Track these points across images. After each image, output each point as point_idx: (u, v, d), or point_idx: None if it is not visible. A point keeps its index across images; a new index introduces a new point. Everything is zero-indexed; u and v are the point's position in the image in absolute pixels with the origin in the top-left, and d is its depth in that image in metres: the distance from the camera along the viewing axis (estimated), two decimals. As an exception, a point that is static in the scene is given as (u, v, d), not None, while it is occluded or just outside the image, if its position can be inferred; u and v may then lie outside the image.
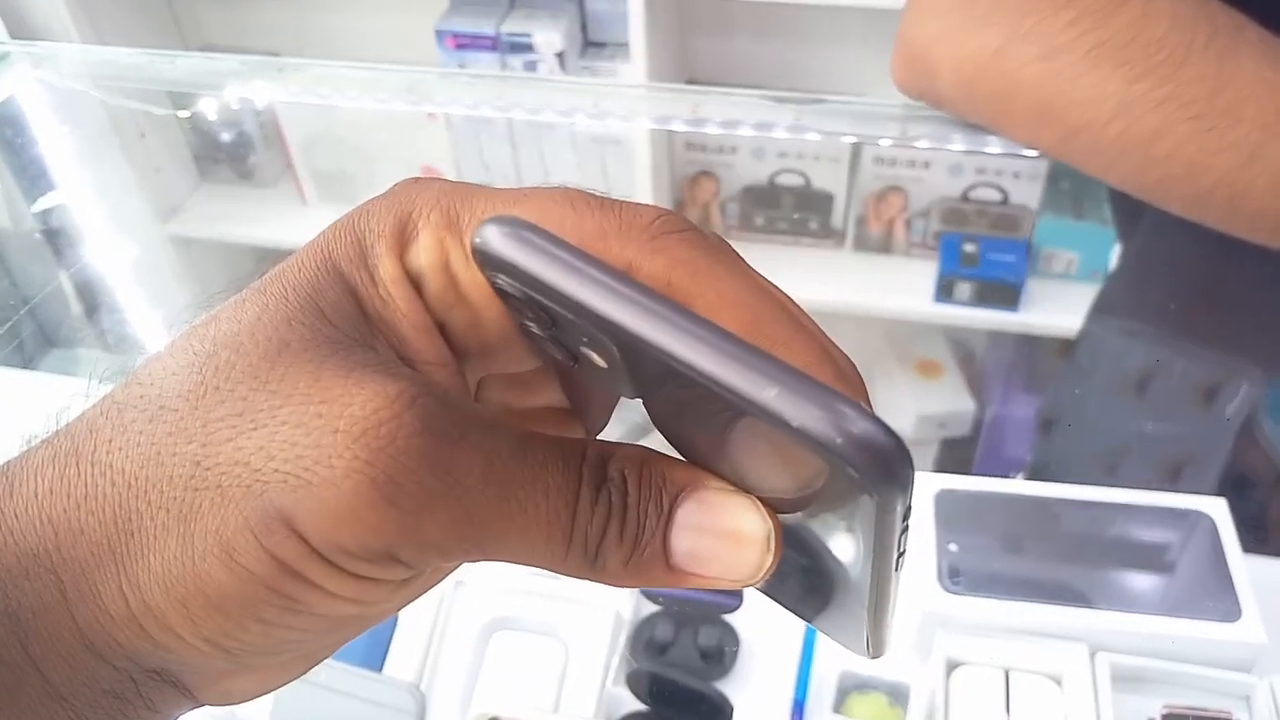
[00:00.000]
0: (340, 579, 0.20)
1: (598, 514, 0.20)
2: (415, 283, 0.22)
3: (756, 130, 0.59)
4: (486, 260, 0.20)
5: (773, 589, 0.22)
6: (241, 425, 0.19)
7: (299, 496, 0.19)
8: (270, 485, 0.19)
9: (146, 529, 0.20)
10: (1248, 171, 0.44)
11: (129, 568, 0.20)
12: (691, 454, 0.22)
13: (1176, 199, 0.47)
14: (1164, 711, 0.60)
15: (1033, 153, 0.54)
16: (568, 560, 0.21)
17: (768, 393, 0.17)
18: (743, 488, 0.21)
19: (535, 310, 0.20)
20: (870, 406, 0.19)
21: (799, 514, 0.21)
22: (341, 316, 0.21)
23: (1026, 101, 0.49)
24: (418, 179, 0.22)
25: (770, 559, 0.20)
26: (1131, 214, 0.83)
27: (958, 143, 0.57)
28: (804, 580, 0.22)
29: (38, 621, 0.20)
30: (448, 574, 0.25)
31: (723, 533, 0.20)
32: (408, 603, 0.23)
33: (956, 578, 0.66)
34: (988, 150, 0.56)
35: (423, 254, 0.21)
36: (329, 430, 0.19)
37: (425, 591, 0.24)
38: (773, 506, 0.21)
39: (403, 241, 0.22)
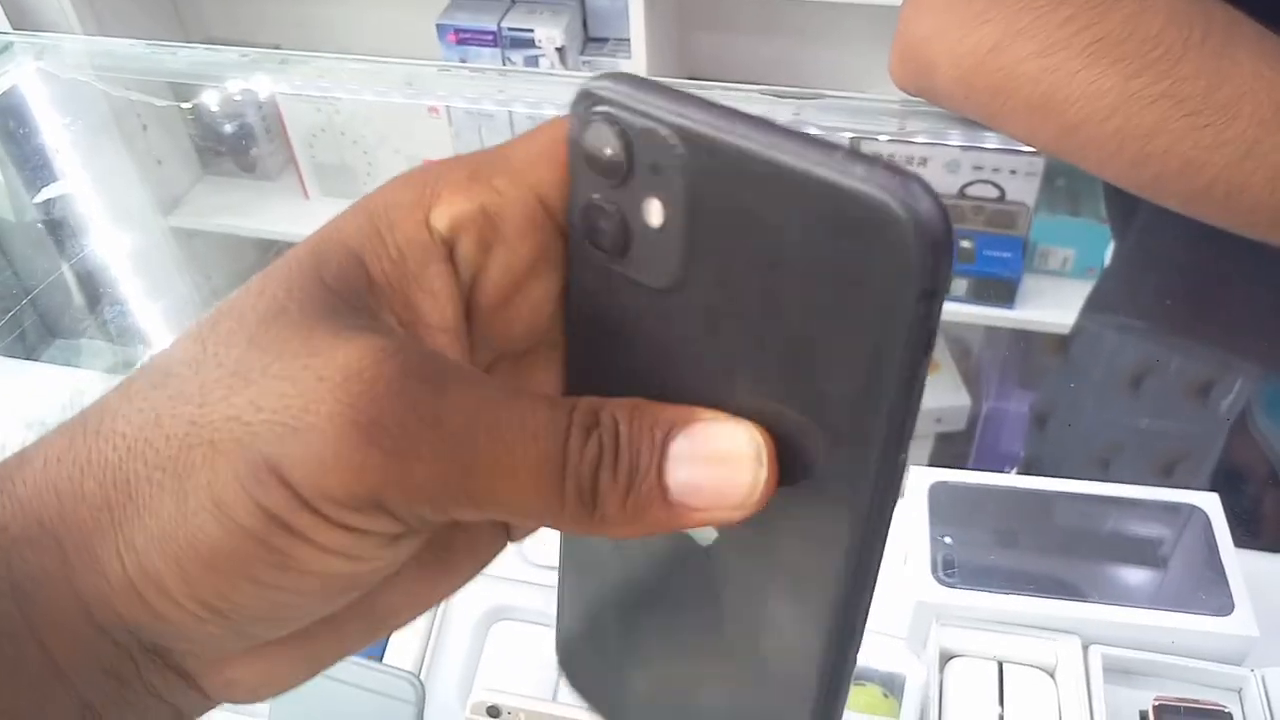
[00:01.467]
0: (329, 530, 0.19)
1: (589, 453, 0.20)
2: (448, 244, 0.22)
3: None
4: (595, 98, 0.20)
5: None
6: (235, 384, 0.20)
7: (285, 443, 0.19)
8: (259, 435, 0.19)
9: (143, 490, 0.20)
10: (1244, 167, 0.45)
11: (126, 530, 0.20)
12: (695, 383, 0.21)
13: (1173, 195, 0.47)
14: (1156, 703, 0.61)
15: (1030, 149, 0.54)
16: (564, 508, 0.20)
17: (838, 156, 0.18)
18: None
19: (611, 165, 0.20)
20: None
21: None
22: (344, 284, 0.21)
23: (1023, 97, 0.49)
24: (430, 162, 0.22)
25: (764, 475, 0.20)
26: (1126, 211, 0.83)
27: (955, 138, 0.57)
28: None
29: (40, 592, 0.20)
30: (472, 573, 0.25)
31: (714, 455, 0.20)
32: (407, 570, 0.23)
33: (951, 570, 0.67)
34: (985, 146, 0.56)
35: (451, 208, 0.21)
36: (314, 379, 0.19)
37: (448, 588, 0.24)
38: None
39: (424, 205, 0.22)
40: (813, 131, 0.19)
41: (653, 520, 0.21)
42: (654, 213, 0.20)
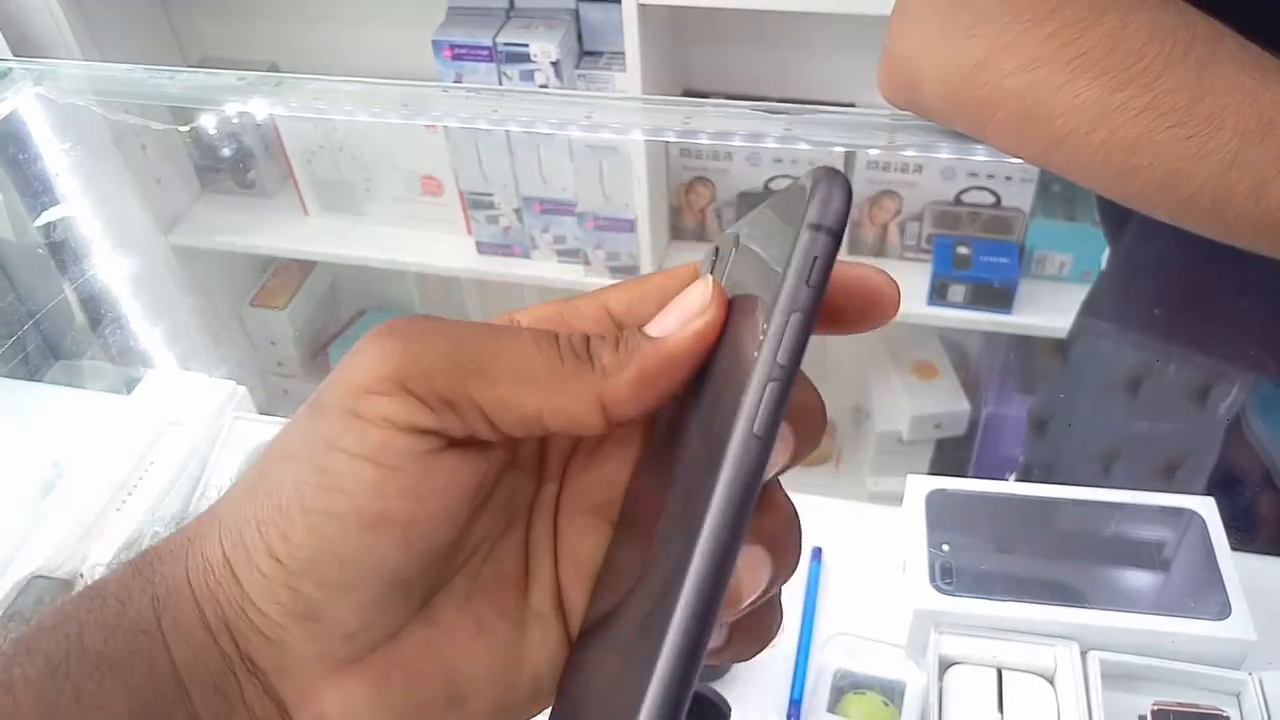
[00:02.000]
0: (360, 427, 0.23)
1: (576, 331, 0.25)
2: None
3: (748, 141, 0.60)
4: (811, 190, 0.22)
5: None
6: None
7: (328, 384, 0.24)
8: (316, 397, 0.24)
9: (238, 486, 0.25)
10: (1228, 178, 0.45)
11: (224, 520, 0.24)
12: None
13: (1160, 206, 0.48)
14: (1155, 708, 0.61)
15: (1019, 160, 0.55)
16: (564, 363, 0.23)
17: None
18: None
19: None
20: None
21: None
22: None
23: (1010, 112, 0.50)
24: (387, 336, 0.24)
25: (711, 284, 0.24)
26: (1119, 218, 0.84)
27: (945, 151, 0.58)
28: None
29: (170, 599, 0.24)
30: (552, 669, 0.26)
31: (674, 302, 0.25)
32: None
33: (949, 578, 0.68)
34: (975, 158, 0.57)
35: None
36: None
37: (527, 673, 0.26)
38: None
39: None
40: (804, 147, 0.22)
41: (646, 363, 0.24)
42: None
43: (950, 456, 1.55)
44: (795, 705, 0.68)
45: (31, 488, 0.78)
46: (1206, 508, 0.70)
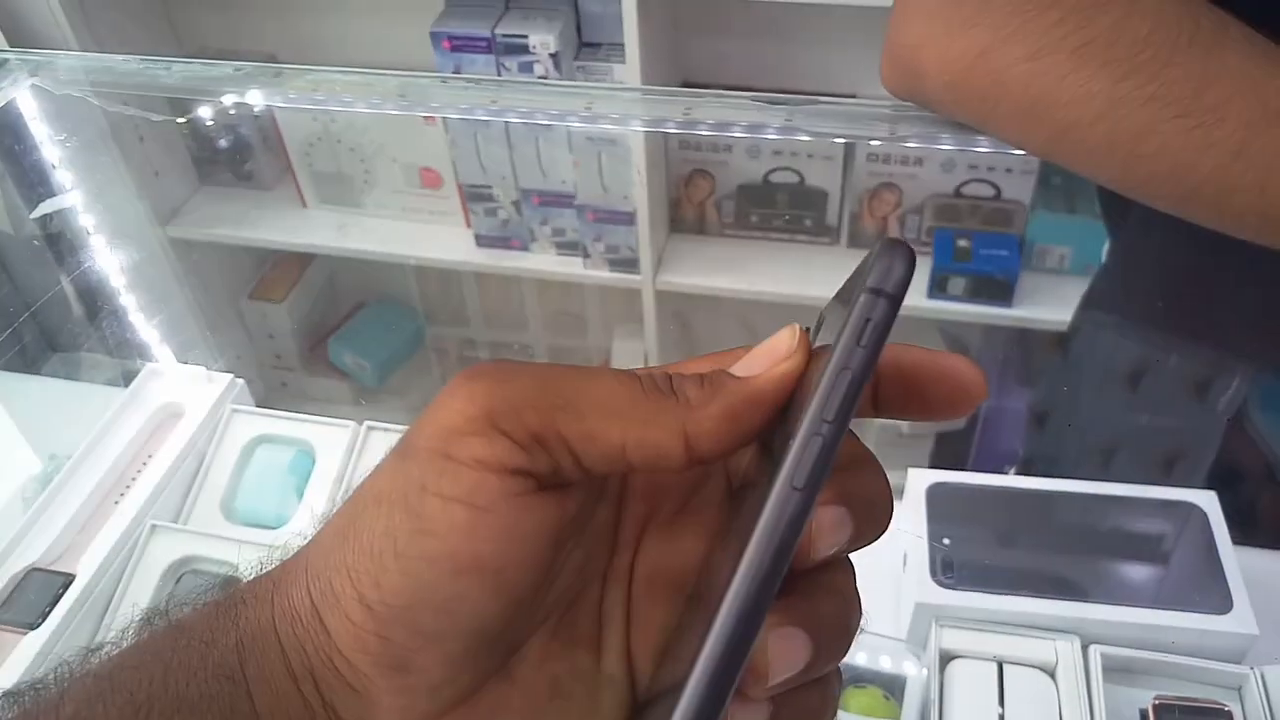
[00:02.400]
0: (453, 471, 0.23)
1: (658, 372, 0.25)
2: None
3: (748, 132, 0.60)
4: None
5: None
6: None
7: (417, 427, 0.24)
8: (406, 442, 0.24)
9: (325, 533, 0.25)
10: (1233, 169, 0.45)
11: (312, 566, 0.24)
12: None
13: (1163, 197, 0.47)
14: (1156, 702, 0.61)
15: (1021, 151, 0.55)
16: (649, 399, 0.24)
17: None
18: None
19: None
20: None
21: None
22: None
23: (1013, 102, 0.49)
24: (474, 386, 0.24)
25: (798, 333, 0.25)
26: (1120, 210, 0.83)
27: (947, 142, 0.57)
28: None
29: (254, 645, 0.24)
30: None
31: (767, 344, 0.25)
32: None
33: (950, 572, 0.67)
34: (977, 149, 0.57)
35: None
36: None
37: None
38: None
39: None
40: (805, 138, 0.22)
41: (730, 393, 0.24)
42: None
43: (950, 450, 1.55)
44: (795, 699, 0.67)
45: (29, 480, 0.77)
46: (1208, 501, 0.70)
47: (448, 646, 0.23)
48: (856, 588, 0.25)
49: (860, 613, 0.25)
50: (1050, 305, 1.40)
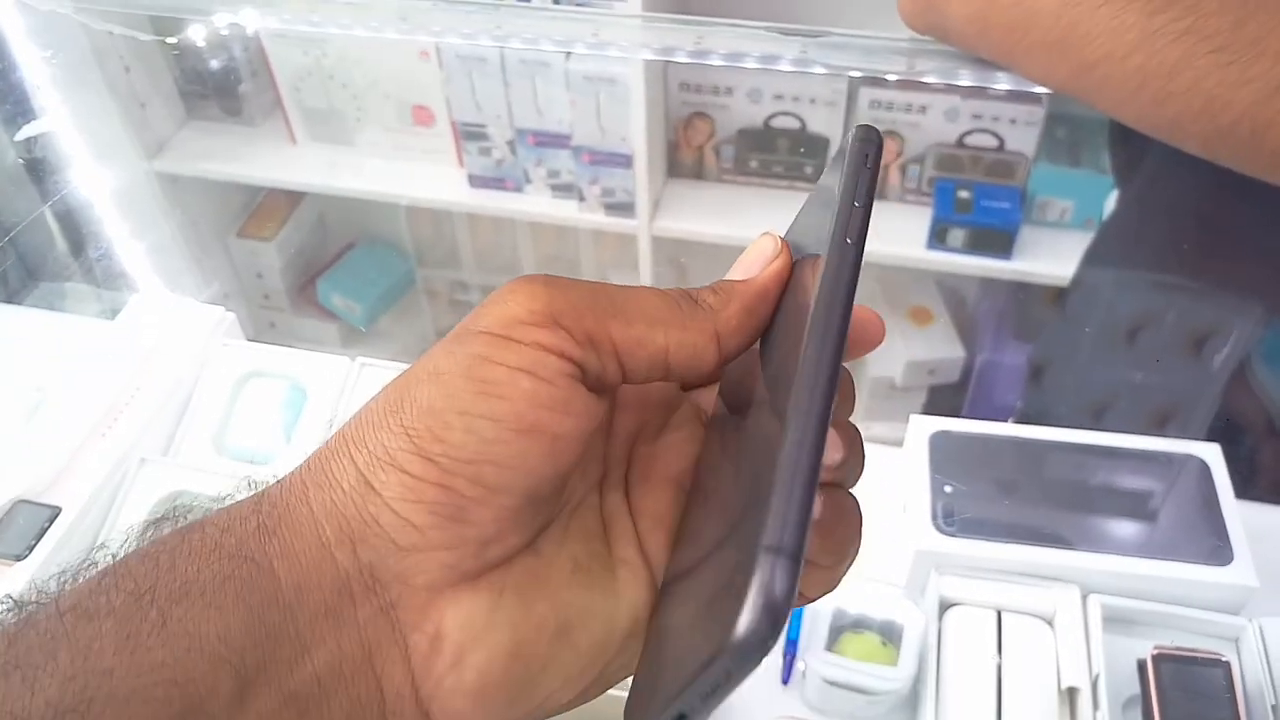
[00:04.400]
0: (517, 349, 0.24)
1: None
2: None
3: (761, 63, 0.58)
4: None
5: None
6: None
7: (477, 314, 0.26)
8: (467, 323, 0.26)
9: (372, 410, 0.25)
10: (1270, 106, 0.43)
11: (356, 440, 0.25)
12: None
13: (1194, 135, 0.46)
14: (1155, 652, 0.61)
15: (1038, 91, 0.53)
16: (683, 309, 0.27)
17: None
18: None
19: None
20: None
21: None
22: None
23: (1042, 34, 0.47)
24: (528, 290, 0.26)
25: (779, 238, 0.29)
26: (1131, 160, 0.82)
27: (965, 77, 0.55)
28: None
29: (280, 525, 0.24)
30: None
31: (751, 251, 0.29)
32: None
33: (951, 519, 0.67)
34: (995, 86, 0.55)
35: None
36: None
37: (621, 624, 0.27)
38: None
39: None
40: (819, 71, 0.25)
41: (743, 293, 0.28)
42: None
43: (944, 403, 1.54)
44: (792, 644, 0.67)
45: (14, 411, 0.76)
46: (1212, 454, 0.69)
47: (503, 501, 0.24)
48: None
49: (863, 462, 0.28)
50: (1050, 259, 1.38)
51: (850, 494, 0.27)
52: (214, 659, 0.22)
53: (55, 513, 0.69)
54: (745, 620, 0.21)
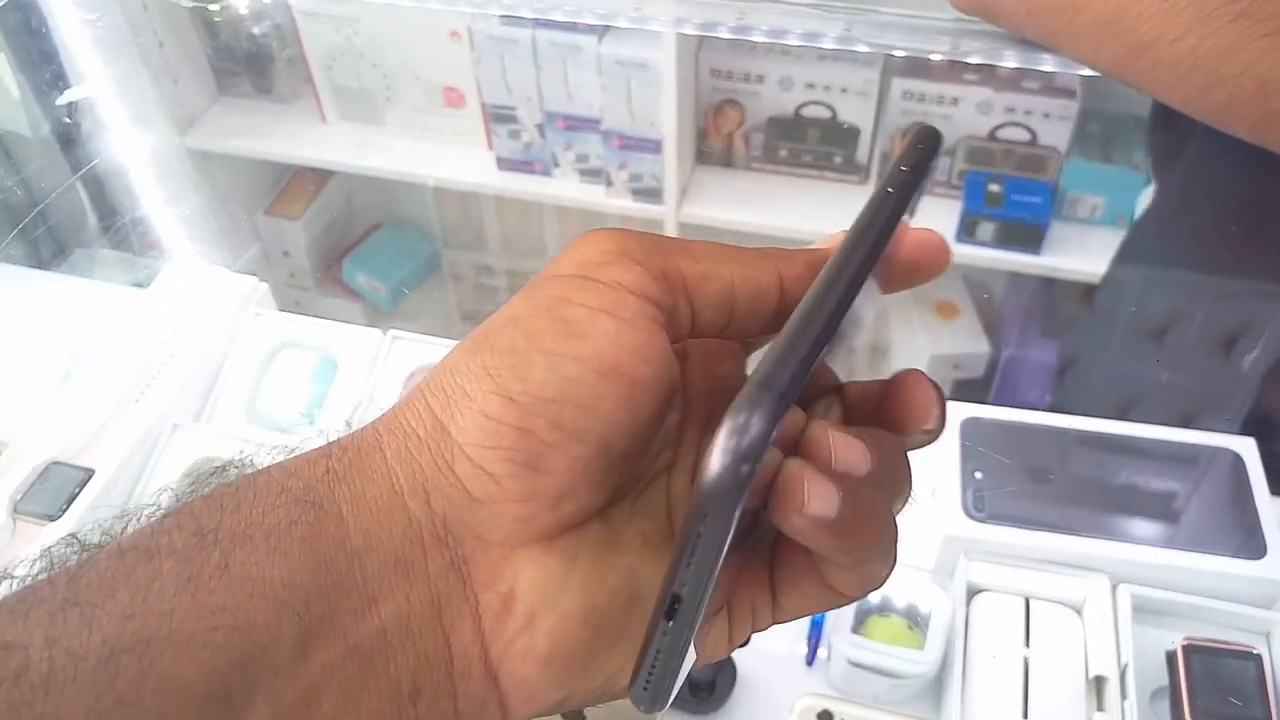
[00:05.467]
0: (596, 289, 0.24)
1: None
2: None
3: (803, 40, 0.57)
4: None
5: None
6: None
7: (554, 263, 0.26)
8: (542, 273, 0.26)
9: (451, 358, 0.25)
10: None
11: (433, 382, 0.24)
12: None
13: (1245, 120, 0.45)
14: (1185, 643, 0.61)
15: (1088, 71, 0.53)
16: (747, 250, 0.27)
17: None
18: None
19: None
20: None
21: None
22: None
23: (1092, 15, 0.47)
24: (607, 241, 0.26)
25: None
26: (1173, 147, 0.81)
27: (1010, 59, 0.55)
28: None
29: (349, 472, 0.24)
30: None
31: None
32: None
33: (981, 505, 0.66)
34: (1040, 67, 0.54)
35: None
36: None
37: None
38: None
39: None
40: (863, 49, 0.25)
41: (806, 249, 0.28)
42: None
43: (968, 398, 1.53)
44: (816, 626, 0.67)
45: (48, 376, 0.76)
46: (1246, 448, 0.69)
47: (579, 450, 0.24)
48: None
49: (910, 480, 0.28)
50: (1079, 255, 1.37)
51: (878, 499, 0.26)
52: (277, 605, 0.21)
53: (88, 475, 0.69)
54: (718, 452, 0.20)
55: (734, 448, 0.20)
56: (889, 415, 0.28)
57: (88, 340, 0.78)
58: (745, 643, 0.28)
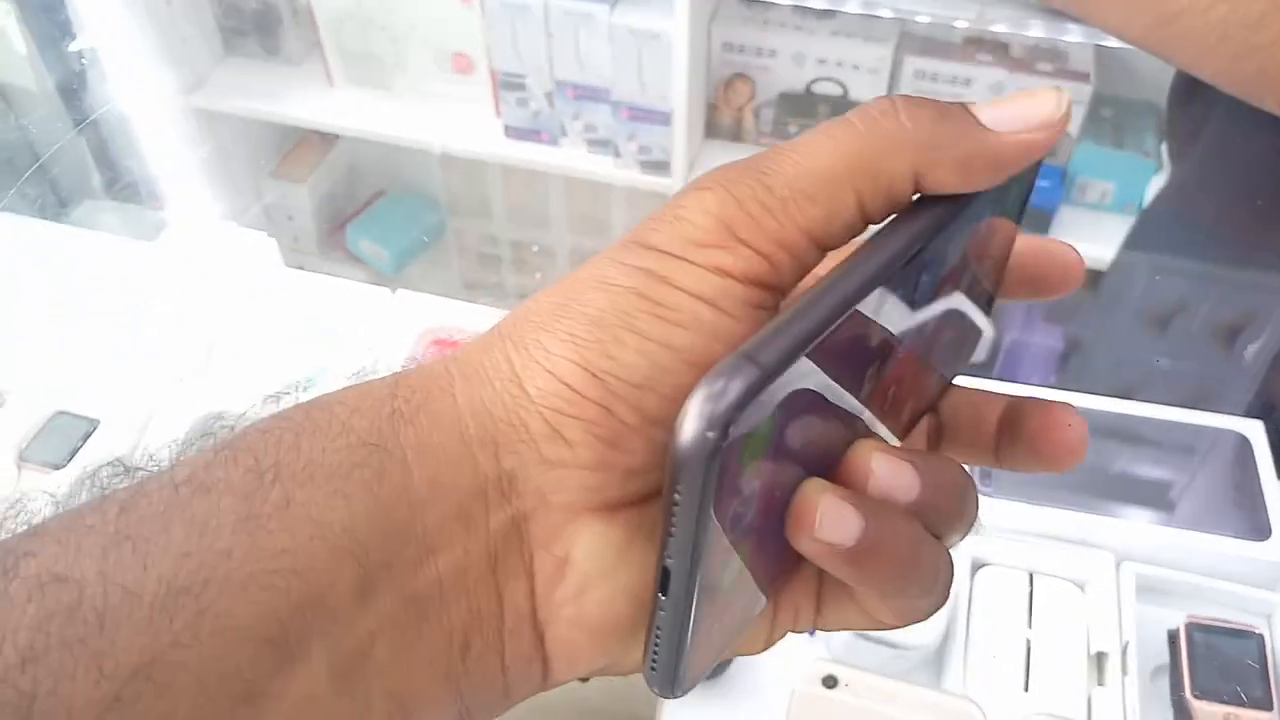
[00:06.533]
0: (694, 272, 0.22)
1: None
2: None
3: (830, 4, 0.57)
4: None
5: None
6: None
7: (648, 230, 0.23)
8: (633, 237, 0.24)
9: (529, 308, 0.24)
10: None
11: (515, 337, 0.23)
12: None
13: (1274, 91, 0.45)
14: (1188, 621, 0.61)
15: (1116, 41, 0.52)
16: (859, 133, 0.23)
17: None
18: None
19: None
20: None
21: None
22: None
23: (1123, -18, 0.47)
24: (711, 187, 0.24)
25: (1067, 98, 0.24)
26: (1192, 125, 0.80)
27: (1036, 29, 0.54)
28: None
29: (418, 415, 0.22)
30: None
31: (1020, 97, 0.24)
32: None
33: (987, 479, 0.66)
34: (1066, 38, 0.54)
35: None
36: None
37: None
38: None
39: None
40: (887, 14, 0.23)
41: (972, 138, 0.23)
42: None
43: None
44: (819, 596, 0.67)
45: (55, 326, 0.76)
46: (1254, 430, 0.69)
47: (657, 435, 0.22)
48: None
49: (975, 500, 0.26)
50: (1088, 241, 1.36)
51: (916, 530, 0.24)
52: (337, 551, 0.21)
53: (94, 425, 0.69)
54: (687, 417, 0.20)
55: (704, 413, 0.19)
56: (1024, 278, 0.28)
57: (95, 291, 0.78)
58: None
